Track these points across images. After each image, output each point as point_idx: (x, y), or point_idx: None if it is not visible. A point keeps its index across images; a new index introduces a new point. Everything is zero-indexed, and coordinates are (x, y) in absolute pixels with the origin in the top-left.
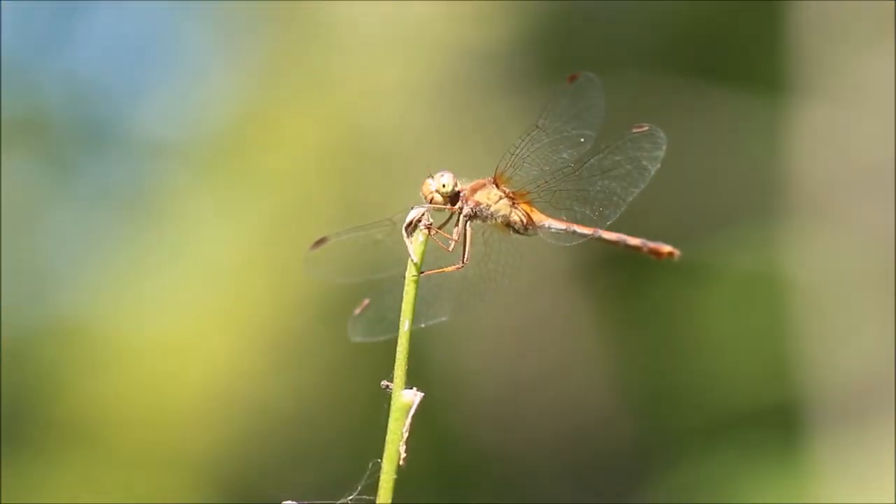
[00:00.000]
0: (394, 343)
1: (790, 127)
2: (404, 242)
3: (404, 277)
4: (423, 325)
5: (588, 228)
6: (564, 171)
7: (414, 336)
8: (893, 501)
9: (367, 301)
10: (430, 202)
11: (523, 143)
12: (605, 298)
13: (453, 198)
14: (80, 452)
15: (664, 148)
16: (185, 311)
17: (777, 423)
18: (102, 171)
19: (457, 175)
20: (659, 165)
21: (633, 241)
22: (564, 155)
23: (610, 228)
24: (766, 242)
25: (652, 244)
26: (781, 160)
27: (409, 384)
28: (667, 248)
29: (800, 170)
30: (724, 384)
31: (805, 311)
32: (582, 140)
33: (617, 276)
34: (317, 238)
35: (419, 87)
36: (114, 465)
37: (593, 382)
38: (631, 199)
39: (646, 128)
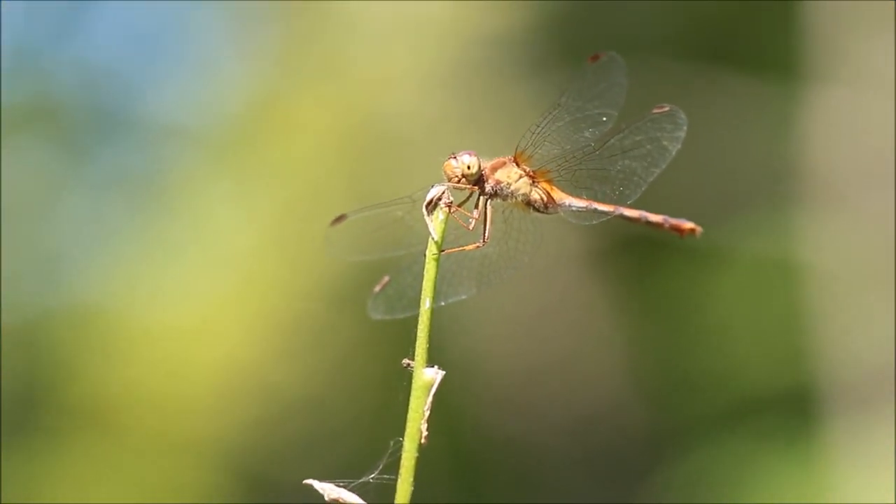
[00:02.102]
0: (408, 324)
1: (805, 113)
2: (425, 221)
3: (425, 255)
4: (442, 303)
5: (609, 206)
6: (585, 150)
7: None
8: None
9: (387, 278)
10: (452, 181)
11: (545, 122)
12: (618, 284)
13: (476, 178)
14: (92, 437)
15: (685, 129)
16: (199, 297)
17: (790, 409)
18: (116, 157)
19: (478, 153)
20: (679, 146)
21: (655, 218)
22: (586, 134)
23: (631, 206)
24: (779, 228)
25: (674, 221)
26: (796, 146)
27: (428, 363)
28: (689, 225)
29: (814, 156)
30: (737, 370)
31: (819, 298)
32: (604, 119)
33: (630, 261)
34: (336, 215)
35: (433, 72)
36: (126, 450)
37: (606, 369)
38: (652, 179)
39: (667, 108)
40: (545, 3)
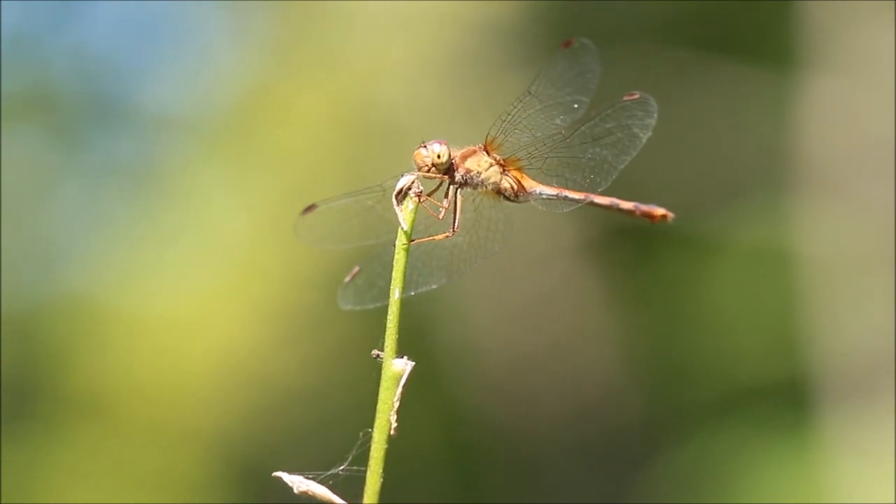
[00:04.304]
0: (406, 312)
1: (799, 101)
2: (394, 210)
3: (395, 245)
4: (412, 293)
5: (580, 194)
6: (555, 138)
7: (422, 309)
8: None
9: (357, 268)
10: (422, 170)
11: (515, 110)
12: (613, 273)
13: (446, 167)
14: (88, 427)
15: (655, 116)
16: (194, 287)
17: (785, 397)
18: (111, 146)
19: (448, 142)
20: (650, 133)
21: (626, 204)
22: (557, 121)
23: (602, 193)
24: (775, 217)
25: (645, 207)
26: (790, 134)
27: (403, 354)
28: (660, 211)
29: (808, 144)
30: (731, 359)
31: (813, 287)
32: (576, 106)
33: (625, 250)
34: (307, 204)
35: (427, 61)
36: (122, 440)
37: (602, 357)
38: (622, 166)
39: (637, 95)
40: None
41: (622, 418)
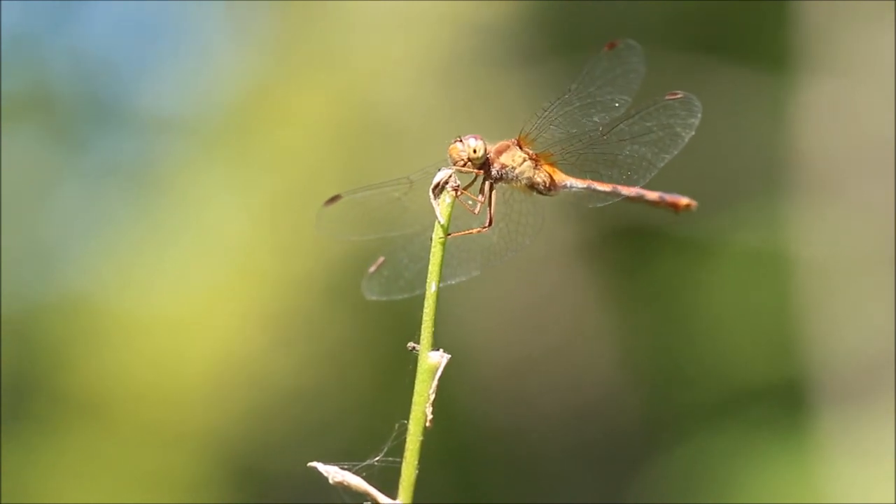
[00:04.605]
0: (401, 312)
1: (798, 102)
2: (431, 204)
3: (430, 239)
4: (441, 285)
5: (607, 186)
6: (591, 134)
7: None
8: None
9: (382, 259)
10: (458, 165)
11: (553, 106)
12: (612, 274)
13: (482, 162)
14: (85, 427)
15: (699, 115)
16: (192, 287)
17: (782, 399)
18: (110, 146)
19: (483, 137)
20: (693, 132)
21: (651, 195)
22: (595, 119)
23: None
24: (771, 219)
25: (669, 197)
26: (787, 136)
27: (433, 347)
28: (684, 201)
29: (806, 146)
30: (729, 361)
31: (810, 289)
32: (617, 105)
33: (623, 253)
34: (330, 195)
35: (427, 61)
36: (119, 440)
37: (600, 359)
38: (662, 164)
39: (680, 95)
40: None
41: (622, 418)
